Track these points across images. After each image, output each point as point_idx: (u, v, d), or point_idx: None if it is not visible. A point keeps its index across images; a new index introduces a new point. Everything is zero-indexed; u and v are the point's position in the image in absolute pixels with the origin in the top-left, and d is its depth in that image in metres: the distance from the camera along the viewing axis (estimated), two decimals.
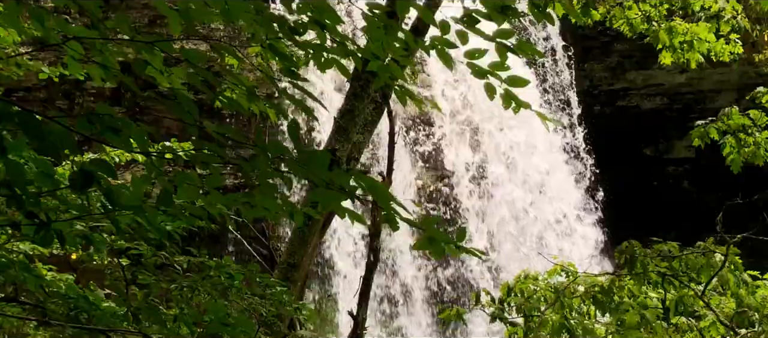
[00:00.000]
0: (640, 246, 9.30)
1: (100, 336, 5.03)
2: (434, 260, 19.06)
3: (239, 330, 4.69)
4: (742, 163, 10.48)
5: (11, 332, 10.45)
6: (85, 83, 16.39)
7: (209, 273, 5.39)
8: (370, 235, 10.68)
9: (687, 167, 22.66)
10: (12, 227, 3.99)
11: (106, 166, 3.49)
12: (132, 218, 4.00)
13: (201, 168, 3.66)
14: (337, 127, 9.59)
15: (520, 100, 4.17)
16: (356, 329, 10.32)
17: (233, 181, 17.36)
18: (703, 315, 9.93)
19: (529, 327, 9.68)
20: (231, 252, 16.34)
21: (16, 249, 6.02)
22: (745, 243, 9.66)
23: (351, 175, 3.37)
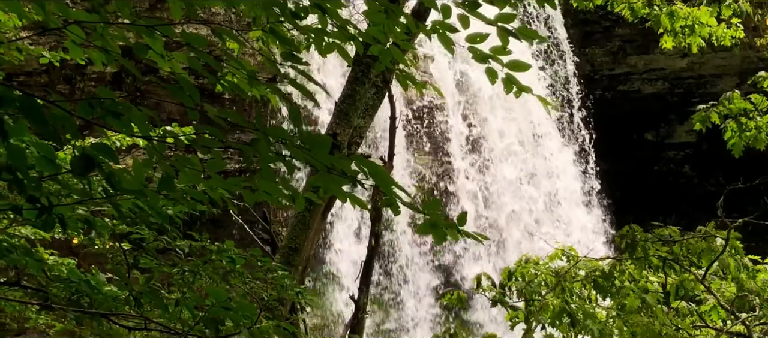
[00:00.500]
0: (641, 231, 9.30)
1: (102, 320, 5.05)
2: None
3: (241, 314, 4.69)
4: (743, 147, 10.47)
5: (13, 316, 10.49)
6: (86, 68, 16.38)
7: (211, 258, 5.39)
8: (372, 220, 10.69)
9: (688, 152, 22.66)
10: (13, 211, 4.00)
11: (107, 150, 3.49)
12: (133, 202, 4.01)
13: (202, 152, 3.66)
14: (338, 112, 9.59)
15: (522, 84, 4.17)
16: (357, 313, 10.35)
17: (235, 166, 17.36)
18: (704, 300, 9.95)
19: (530, 311, 9.69)
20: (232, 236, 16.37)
21: (18, 233, 6.03)
22: (745, 228, 9.67)
23: (352, 160, 3.37)
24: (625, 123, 22.36)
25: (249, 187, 3.70)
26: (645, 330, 8.69)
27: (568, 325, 9.24)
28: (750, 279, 9.63)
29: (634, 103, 22.31)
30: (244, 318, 4.78)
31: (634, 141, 22.72)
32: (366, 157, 3.81)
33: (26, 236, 6.30)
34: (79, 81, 17.45)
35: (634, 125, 22.65)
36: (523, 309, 9.92)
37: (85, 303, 4.89)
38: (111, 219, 5.43)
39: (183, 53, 4.13)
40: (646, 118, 22.55)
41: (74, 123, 3.32)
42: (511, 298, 10.12)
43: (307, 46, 4.55)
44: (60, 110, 3.25)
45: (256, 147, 3.36)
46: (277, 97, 4.20)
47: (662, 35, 12.44)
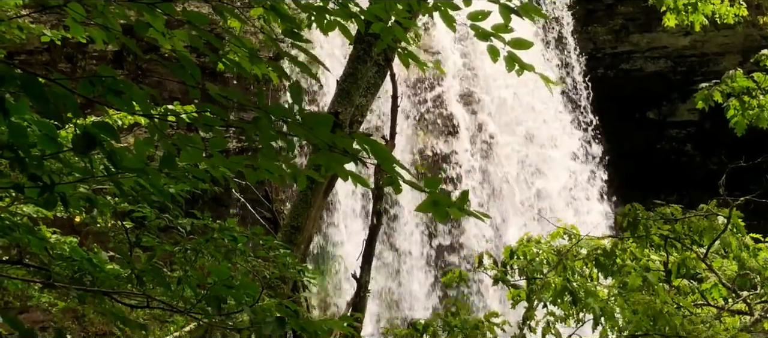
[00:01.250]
0: (642, 209, 9.31)
1: (105, 298, 5.06)
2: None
3: (243, 293, 4.69)
4: (746, 125, 10.45)
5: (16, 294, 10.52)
6: (87, 46, 16.36)
7: (213, 236, 5.40)
8: (373, 198, 10.69)
9: (690, 130, 22.63)
10: (15, 189, 4.00)
11: (108, 129, 3.49)
12: (135, 181, 4.00)
13: (204, 130, 3.66)
14: (340, 91, 9.57)
15: (524, 62, 4.16)
16: (359, 292, 10.36)
17: (237, 145, 17.37)
18: (705, 278, 9.97)
19: (532, 290, 9.71)
20: (234, 215, 16.39)
21: (20, 211, 6.03)
22: (747, 206, 9.67)
23: (354, 138, 3.37)
24: (628, 101, 22.33)
25: (251, 166, 3.70)
26: (646, 308, 8.71)
27: (569, 303, 9.26)
28: (751, 257, 9.64)
29: (636, 81, 22.27)
30: (246, 297, 4.79)
31: (637, 119, 22.70)
32: (367, 135, 3.81)
33: (28, 214, 6.31)
34: (80, 59, 17.43)
35: (637, 104, 22.62)
36: (525, 288, 9.94)
37: (87, 282, 4.90)
38: (113, 198, 5.43)
39: (184, 31, 4.12)
40: (648, 97, 22.51)
41: (75, 101, 3.31)
42: (513, 277, 10.14)
43: (308, 24, 4.53)
44: (61, 88, 3.24)
45: (258, 125, 3.35)
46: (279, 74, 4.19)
47: (665, 13, 12.40)
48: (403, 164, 3.37)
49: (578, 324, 9.54)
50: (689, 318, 9.12)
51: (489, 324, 9.92)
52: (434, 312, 10.10)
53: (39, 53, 17.12)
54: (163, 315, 13.35)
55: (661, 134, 22.95)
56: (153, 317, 13.44)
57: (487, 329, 9.80)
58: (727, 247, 9.51)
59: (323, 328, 4.94)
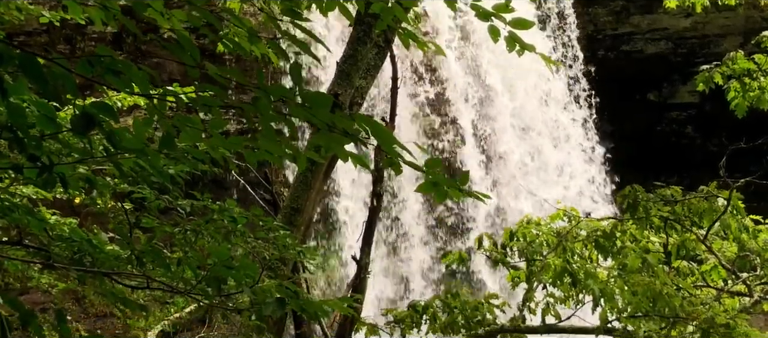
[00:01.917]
0: (642, 191, 9.31)
1: (105, 279, 5.06)
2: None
3: (243, 274, 4.69)
4: (746, 107, 10.43)
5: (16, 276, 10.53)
6: (86, 28, 16.32)
7: (212, 217, 5.40)
8: (373, 180, 10.68)
9: (691, 112, 22.60)
10: (14, 170, 3.99)
11: (107, 109, 3.48)
12: (134, 162, 4.00)
13: (203, 111, 3.65)
14: (340, 72, 9.54)
15: (525, 42, 4.14)
16: (359, 273, 10.37)
17: (236, 126, 17.36)
18: (705, 259, 9.98)
19: (532, 272, 9.73)
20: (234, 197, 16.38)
21: (20, 192, 6.03)
22: (747, 188, 9.67)
23: (354, 118, 3.35)
24: (628, 83, 22.29)
25: (250, 147, 3.69)
26: (646, 289, 8.72)
27: (569, 285, 9.28)
28: (751, 239, 9.65)
29: (636, 63, 22.22)
30: (246, 278, 4.79)
31: (637, 101, 22.66)
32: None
33: (28, 195, 6.30)
34: (79, 41, 17.41)
35: (637, 85, 22.57)
36: (524, 270, 9.96)
37: (87, 263, 4.90)
38: (112, 179, 5.42)
39: (183, 11, 4.10)
40: (648, 79, 22.47)
41: (74, 81, 3.30)
42: (512, 258, 10.15)
43: (308, 4, 4.51)
44: (60, 68, 3.23)
45: (257, 105, 3.34)
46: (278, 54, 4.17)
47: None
48: (403, 144, 3.37)
49: (578, 306, 9.56)
50: (689, 299, 9.14)
51: (489, 305, 9.94)
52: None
53: (38, 35, 17.09)
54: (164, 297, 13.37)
55: (662, 116, 22.92)
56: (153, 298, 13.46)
57: (486, 310, 9.82)
58: (726, 229, 9.51)
59: (323, 309, 4.94)
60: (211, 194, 6.09)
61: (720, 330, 8.52)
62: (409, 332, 9.90)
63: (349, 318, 9.75)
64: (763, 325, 14.21)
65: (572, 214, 10.05)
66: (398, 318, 9.97)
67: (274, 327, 9.00)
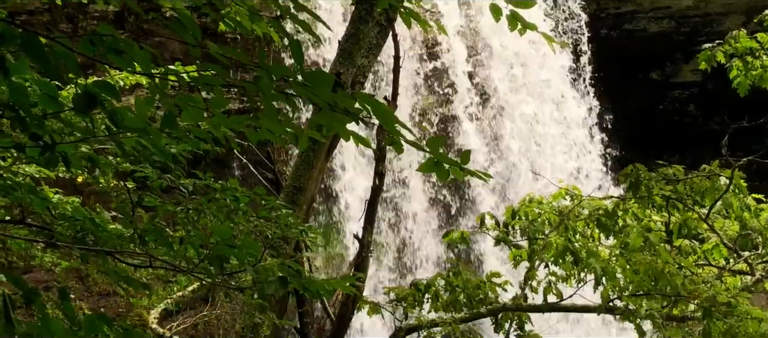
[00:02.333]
0: (645, 170, 9.31)
1: (107, 257, 5.08)
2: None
3: (245, 252, 4.71)
4: (748, 86, 10.42)
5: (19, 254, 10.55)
6: (88, 6, 16.29)
7: (215, 196, 5.40)
8: (375, 159, 10.69)
9: (693, 91, 22.56)
10: (16, 149, 4.00)
11: (109, 88, 3.47)
12: (136, 141, 4.00)
13: (205, 90, 3.64)
14: (341, 51, 9.53)
15: (527, 21, 4.13)
16: (361, 252, 10.39)
17: (239, 106, 17.36)
18: (707, 238, 10.00)
19: (533, 250, 9.75)
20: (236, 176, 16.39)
21: (22, 171, 6.04)
22: (749, 167, 9.67)
23: (355, 97, 3.35)
24: (631, 62, 22.24)
25: (252, 125, 3.69)
26: (648, 268, 8.74)
27: (571, 263, 9.30)
28: (753, 217, 9.66)
29: (639, 42, 22.16)
30: (248, 256, 4.80)
31: (640, 80, 22.61)
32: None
33: (31, 174, 6.31)
34: (81, 20, 17.38)
35: (640, 64, 22.52)
36: (526, 248, 9.98)
37: (90, 241, 4.91)
38: (114, 158, 5.43)
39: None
40: (651, 57, 22.42)
41: (76, 60, 3.30)
42: (514, 237, 10.17)
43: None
44: (61, 47, 3.23)
45: (259, 84, 3.34)
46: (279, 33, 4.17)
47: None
48: (405, 123, 3.36)
49: (580, 284, 9.58)
50: (690, 278, 9.16)
51: (491, 283, 9.97)
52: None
53: (39, 13, 17.05)
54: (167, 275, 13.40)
55: (664, 95, 22.88)
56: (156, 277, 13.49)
57: (488, 289, 9.86)
58: (728, 208, 9.53)
59: (325, 287, 4.96)
60: (213, 174, 6.09)
61: (721, 308, 8.55)
62: (412, 310, 9.94)
63: (351, 297, 9.79)
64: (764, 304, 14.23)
65: (574, 193, 10.07)
66: (400, 297, 10.01)
67: (276, 306, 9.04)
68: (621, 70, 21.93)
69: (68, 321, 3.50)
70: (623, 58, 21.97)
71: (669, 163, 9.58)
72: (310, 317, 10.14)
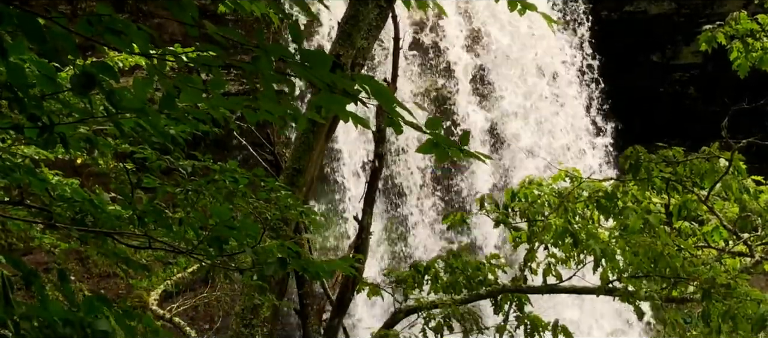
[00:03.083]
0: (644, 152, 9.31)
1: (107, 239, 5.08)
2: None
3: (245, 234, 4.71)
4: (749, 68, 10.40)
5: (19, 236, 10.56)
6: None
7: (214, 178, 5.40)
8: (375, 141, 10.68)
9: (693, 73, 22.53)
10: (15, 130, 3.99)
11: (108, 69, 3.47)
12: (135, 122, 3.99)
13: (203, 71, 3.63)
14: (341, 33, 9.51)
15: (527, 1, 4.12)
16: (361, 234, 10.39)
17: (238, 88, 17.35)
18: (707, 220, 10.00)
19: (533, 232, 9.75)
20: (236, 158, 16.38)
21: (21, 152, 6.02)
22: (749, 149, 9.67)
23: (355, 78, 3.34)
24: (631, 44, 22.19)
25: (251, 106, 3.68)
26: (647, 250, 8.74)
27: (570, 245, 9.31)
28: (752, 199, 9.66)
29: (640, 23, 22.10)
30: (248, 238, 4.80)
31: (640, 62, 22.57)
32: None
33: (29, 156, 6.30)
34: (80, 1, 17.33)
35: (640, 46, 22.48)
36: (526, 230, 9.98)
37: (89, 223, 4.91)
38: (113, 139, 5.42)
39: None
40: (652, 39, 22.37)
41: (74, 41, 3.29)
42: (514, 219, 10.17)
43: None
44: (59, 27, 3.22)
45: (257, 65, 3.33)
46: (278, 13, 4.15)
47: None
48: (404, 104, 3.35)
49: (579, 266, 9.59)
50: (690, 260, 9.17)
51: (490, 266, 9.98)
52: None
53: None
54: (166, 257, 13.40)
55: (665, 77, 22.84)
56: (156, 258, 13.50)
57: (488, 271, 9.87)
58: (728, 190, 9.52)
59: (325, 269, 4.96)
60: (212, 156, 6.08)
61: (721, 290, 8.56)
62: (411, 292, 9.95)
63: (351, 279, 9.80)
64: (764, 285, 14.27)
65: (574, 175, 10.06)
66: (400, 279, 10.02)
67: (276, 288, 9.05)
68: (621, 52, 21.89)
69: (68, 303, 3.50)
70: (624, 40, 21.92)
71: (669, 145, 9.57)
72: (310, 299, 10.16)
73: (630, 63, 22.22)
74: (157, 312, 13.69)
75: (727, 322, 8.69)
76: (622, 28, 22.01)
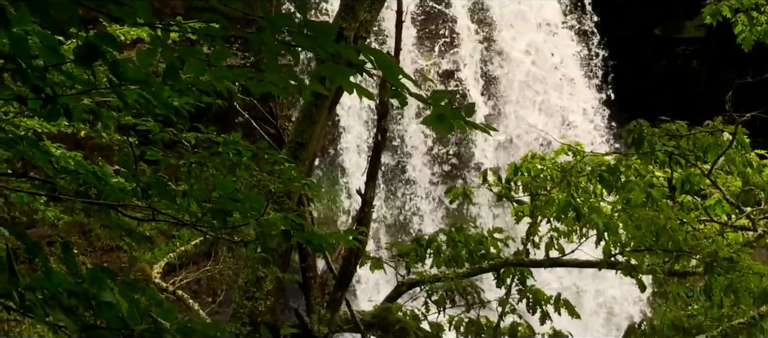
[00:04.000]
0: (648, 126, 9.30)
1: (110, 211, 5.07)
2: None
3: (248, 206, 4.70)
4: (753, 41, 10.37)
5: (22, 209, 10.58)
6: None
7: (217, 150, 5.39)
8: (378, 115, 10.66)
9: (696, 47, 22.43)
10: (18, 101, 3.99)
11: (111, 40, 3.45)
12: (138, 93, 3.98)
13: (206, 42, 3.62)
14: (344, 6, 9.49)
15: None
16: (364, 208, 10.39)
17: (241, 61, 17.31)
18: (709, 194, 10.00)
19: (535, 206, 9.76)
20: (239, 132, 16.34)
21: (24, 124, 6.02)
22: (753, 123, 9.64)
23: (359, 49, 3.33)
24: (633, 18, 22.09)
25: (255, 78, 3.66)
26: (650, 223, 8.75)
27: (573, 219, 9.31)
28: (755, 173, 9.66)
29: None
30: (251, 210, 4.80)
31: (642, 36, 22.48)
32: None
33: (33, 128, 6.30)
34: None
35: (643, 20, 22.37)
36: (528, 204, 9.98)
37: (92, 195, 4.91)
38: (117, 111, 5.41)
39: None
40: (654, 13, 22.26)
41: (77, 11, 3.28)
42: (516, 193, 10.18)
43: None
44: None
45: (261, 36, 3.31)
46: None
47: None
48: (409, 75, 3.34)
49: (581, 240, 9.60)
50: (692, 233, 9.18)
51: (492, 239, 9.99)
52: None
53: None
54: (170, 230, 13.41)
55: (667, 51, 22.75)
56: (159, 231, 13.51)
57: (490, 244, 9.88)
58: (731, 164, 9.52)
59: (328, 241, 4.96)
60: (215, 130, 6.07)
61: (723, 263, 8.57)
62: (414, 266, 9.97)
63: (353, 252, 9.81)
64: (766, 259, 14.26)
65: (577, 149, 10.05)
66: (403, 252, 10.04)
67: (279, 261, 9.07)
68: (624, 25, 21.80)
69: (71, 275, 3.50)
70: (625, 13, 21.82)
71: (672, 119, 9.56)
72: (312, 272, 10.18)
73: (633, 37, 22.14)
74: (160, 285, 13.71)
75: (729, 296, 8.71)
76: (623, 1, 21.92)
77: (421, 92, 3.53)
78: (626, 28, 21.89)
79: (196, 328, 3.56)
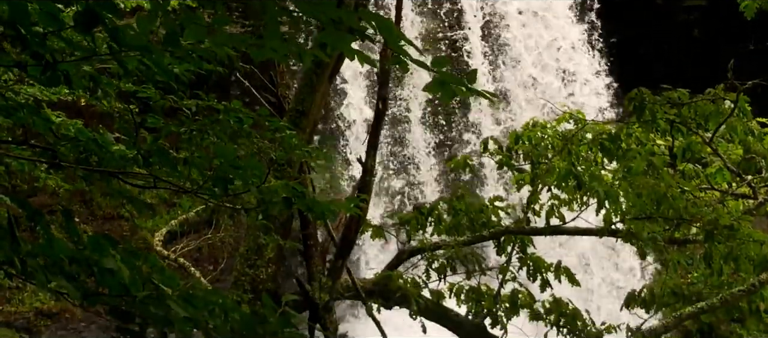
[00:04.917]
0: (649, 94, 9.27)
1: (111, 179, 5.07)
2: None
3: (250, 173, 4.70)
4: (756, 9, 10.32)
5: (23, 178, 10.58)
6: None
7: (218, 117, 5.37)
8: (379, 83, 10.62)
9: (697, 15, 22.34)
10: (18, 67, 3.97)
11: (111, 6, 3.44)
12: (139, 60, 3.96)
13: (207, 8, 3.60)
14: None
15: None
16: (365, 176, 10.38)
17: (241, 29, 17.26)
18: (710, 162, 9.99)
19: (536, 174, 9.76)
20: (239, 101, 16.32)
21: (25, 92, 6.00)
22: (754, 91, 9.62)
23: (360, 15, 3.30)
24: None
25: (255, 44, 3.65)
26: (650, 191, 8.75)
27: (573, 187, 9.31)
28: (757, 141, 9.65)
29: None
30: (252, 177, 4.80)
31: (643, 4, 22.39)
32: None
33: (33, 95, 6.28)
34: None
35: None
36: (529, 172, 9.98)
37: (93, 162, 4.90)
38: (117, 78, 5.39)
39: None
40: None
41: None
42: (517, 161, 10.18)
43: None
44: None
45: (262, 1, 3.30)
46: None
47: None
48: (411, 41, 3.32)
49: (582, 208, 9.61)
50: (693, 201, 9.18)
51: (493, 207, 10.00)
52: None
53: None
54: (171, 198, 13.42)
55: (669, 19, 22.66)
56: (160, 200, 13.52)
57: (491, 212, 9.89)
58: (732, 132, 9.50)
59: (329, 208, 4.96)
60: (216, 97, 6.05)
61: (724, 231, 8.58)
62: (415, 234, 9.99)
63: (355, 220, 9.81)
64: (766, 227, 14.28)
65: (578, 117, 10.04)
66: (404, 220, 10.04)
67: (280, 228, 9.07)
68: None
69: (73, 242, 3.51)
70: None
71: (674, 87, 9.53)
72: (313, 239, 10.18)
73: (633, 4, 22.05)
74: (162, 253, 13.73)
75: (729, 263, 8.73)
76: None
77: (423, 59, 3.52)
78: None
79: (197, 295, 3.56)
